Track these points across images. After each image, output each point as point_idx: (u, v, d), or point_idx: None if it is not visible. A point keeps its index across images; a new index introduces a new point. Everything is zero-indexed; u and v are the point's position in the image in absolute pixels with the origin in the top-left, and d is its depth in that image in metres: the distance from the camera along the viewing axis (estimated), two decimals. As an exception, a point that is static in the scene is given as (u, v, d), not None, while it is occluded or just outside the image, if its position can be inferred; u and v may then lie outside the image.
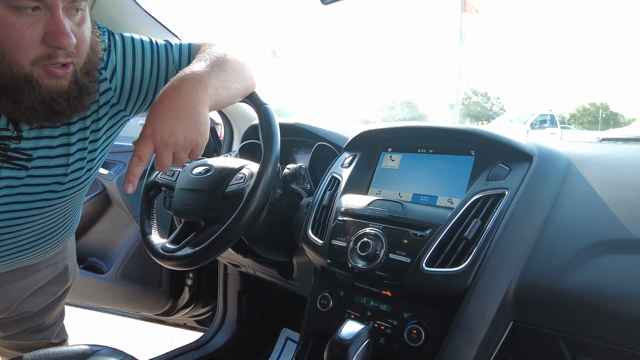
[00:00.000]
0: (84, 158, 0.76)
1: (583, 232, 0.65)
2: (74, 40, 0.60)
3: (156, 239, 0.88)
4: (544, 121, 13.46)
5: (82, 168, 0.77)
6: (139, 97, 0.81)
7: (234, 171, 0.86)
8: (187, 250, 0.79)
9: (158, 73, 0.81)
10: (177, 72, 0.82)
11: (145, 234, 0.89)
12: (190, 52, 0.85)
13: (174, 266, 0.81)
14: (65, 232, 0.93)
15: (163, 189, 0.95)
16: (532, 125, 13.12)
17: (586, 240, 0.64)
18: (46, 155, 0.72)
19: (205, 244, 0.77)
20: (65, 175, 0.75)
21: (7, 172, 0.69)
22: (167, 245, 0.84)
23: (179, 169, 0.94)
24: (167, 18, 1.19)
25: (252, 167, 0.86)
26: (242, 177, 0.84)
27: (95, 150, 0.78)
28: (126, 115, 0.81)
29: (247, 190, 0.77)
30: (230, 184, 0.84)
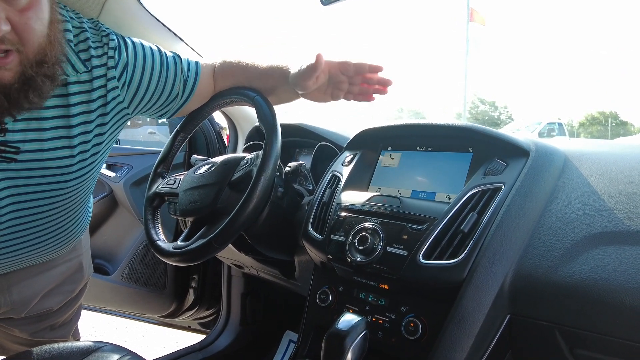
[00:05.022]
0: (87, 151, 0.77)
1: (579, 224, 0.66)
2: (6, 26, 0.57)
3: (165, 242, 0.87)
4: (552, 130, 13.40)
5: (84, 160, 0.77)
6: (144, 98, 0.82)
7: (237, 159, 0.87)
8: (201, 241, 0.78)
9: (167, 77, 0.84)
10: (184, 83, 0.86)
11: (153, 241, 0.88)
12: (197, 68, 0.88)
13: (189, 260, 0.79)
14: (77, 228, 0.93)
15: (166, 197, 0.94)
16: (540, 134, 13.07)
17: (582, 232, 0.65)
18: (38, 149, 0.72)
19: (221, 227, 0.74)
20: (64, 167, 0.75)
21: None
22: (178, 243, 0.83)
23: (181, 176, 0.95)
24: (173, 23, 1.22)
25: (255, 154, 0.86)
26: (247, 161, 0.84)
27: (100, 144, 0.79)
28: (128, 114, 0.83)
29: (255, 169, 0.76)
30: (236, 171, 0.85)
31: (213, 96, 0.93)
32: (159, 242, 0.87)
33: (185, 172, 0.95)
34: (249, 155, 0.86)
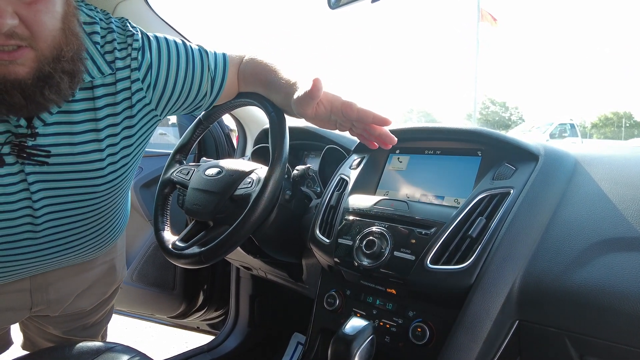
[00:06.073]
0: (116, 153, 0.77)
1: (589, 230, 0.65)
2: (13, 20, 0.55)
3: (168, 235, 0.90)
4: (564, 130, 13.23)
5: (114, 163, 0.77)
6: (171, 98, 0.81)
7: (243, 175, 0.88)
8: (194, 250, 0.81)
9: (193, 77, 0.81)
10: (212, 81, 0.84)
11: (157, 230, 0.91)
12: (225, 63, 0.86)
13: (181, 264, 0.83)
14: (114, 231, 0.94)
15: (177, 186, 0.97)
16: (552, 135, 12.91)
17: (592, 238, 0.64)
18: (69, 152, 0.72)
19: (210, 245, 0.78)
20: (95, 170, 0.75)
21: (32, 168, 0.70)
22: (177, 243, 0.86)
23: (194, 168, 0.96)
24: (183, 27, 1.23)
25: (260, 172, 0.88)
26: (250, 182, 0.85)
27: (130, 147, 0.78)
28: (157, 115, 0.82)
29: (254, 195, 0.78)
30: (238, 187, 0.86)
31: (239, 94, 0.93)
32: (162, 233, 0.90)
33: (199, 165, 0.96)
34: (254, 174, 0.87)
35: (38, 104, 0.62)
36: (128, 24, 0.77)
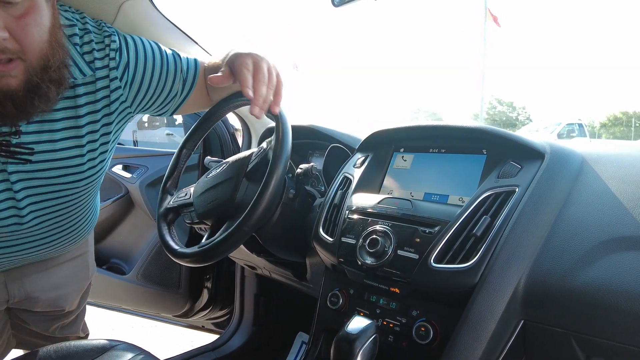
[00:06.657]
0: (95, 150, 0.79)
1: (595, 229, 0.64)
2: (4, 33, 0.57)
3: (186, 249, 0.83)
4: (572, 130, 13.12)
5: (94, 159, 0.80)
6: (146, 95, 0.84)
7: (250, 153, 0.87)
8: (229, 231, 0.74)
9: (167, 76, 0.85)
10: (183, 82, 0.86)
11: (174, 250, 0.84)
12: (196, 67, 0.89)
13: (221, 253, 0.76)
14: (88, 224, 0.97)
15: (180, 211, 0.93)
16: (560, 135, 12.80)
17: (598, 237, 0.63)
18: (51, 149, 0.74)
19: (240, 219, 0.73)
20: (75, 166, 0.78)
21: (14, 167, 0.72)
22: (202, 242, 0.81)
23: (191, 189, 0.95)
24: (189, 28, 1.23)
25: (268, 142, 0.85)
26: (260, 149, 0.84)
27: (107, 143, 0.81)
28: (131, 112, 0.85)
29: (271, 153, 0.76)
30: (250, 161, 0.85)
31: (218, 103, 0.93)
32: (181, 250, 0.83)
33: (194, 185, 0.95)
34: (263, 144, 0.85)
35: (28, 113, 0.66)
36: (103, 25, 0.79)
